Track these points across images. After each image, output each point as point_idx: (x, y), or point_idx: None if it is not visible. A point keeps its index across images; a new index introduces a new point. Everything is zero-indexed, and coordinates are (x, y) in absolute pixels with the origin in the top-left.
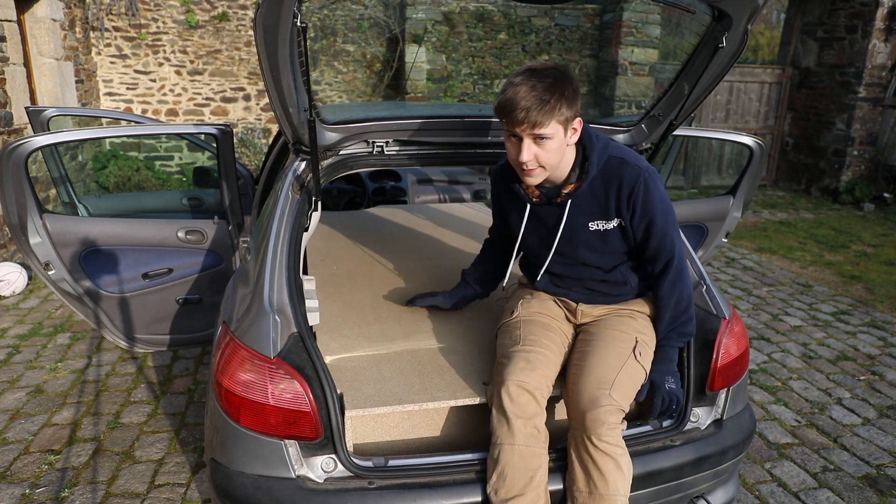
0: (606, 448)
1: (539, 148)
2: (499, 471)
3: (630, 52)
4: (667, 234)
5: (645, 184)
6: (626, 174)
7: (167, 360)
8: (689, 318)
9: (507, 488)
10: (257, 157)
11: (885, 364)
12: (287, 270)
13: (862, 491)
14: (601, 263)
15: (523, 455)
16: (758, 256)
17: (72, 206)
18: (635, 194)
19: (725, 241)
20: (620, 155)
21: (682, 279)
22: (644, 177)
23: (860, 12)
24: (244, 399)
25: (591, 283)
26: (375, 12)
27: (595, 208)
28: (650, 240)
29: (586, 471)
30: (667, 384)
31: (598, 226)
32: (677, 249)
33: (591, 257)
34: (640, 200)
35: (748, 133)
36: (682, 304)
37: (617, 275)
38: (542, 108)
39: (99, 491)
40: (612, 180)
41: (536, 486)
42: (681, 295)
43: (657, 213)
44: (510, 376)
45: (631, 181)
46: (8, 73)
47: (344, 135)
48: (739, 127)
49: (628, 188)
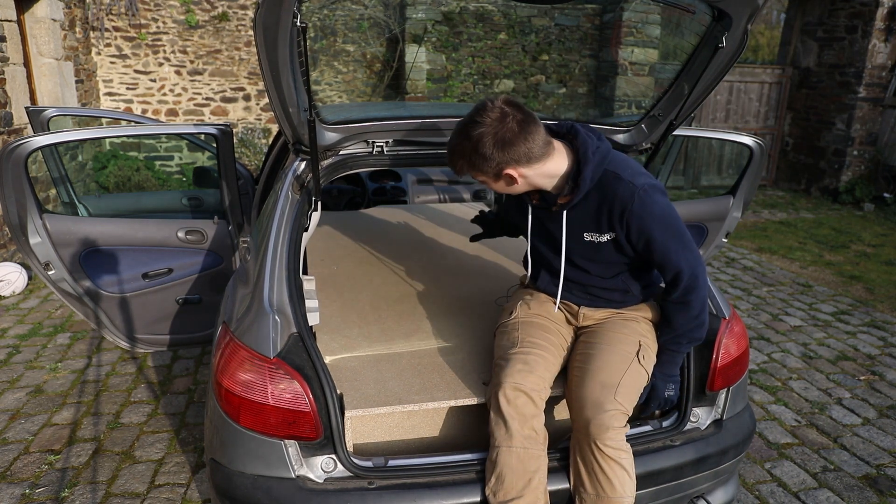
0: (612, 453)
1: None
2: (497, 473)
3: (630, 52)
4: (669, 248)
5: (640, 201)
6: (619, 191)
7: (167, 360)
8: (701, 324)
9: (504, 491)
10: (257, 157)
11: (885, 364)
12: (287, 270)
13: (862, 491)
14: (600, 272)
15: (521, 457)
16: (758, 256)
17: (72, 206)
18: (627, 213)
19: (725, 241)
20: (616, 170)
21: (695, 290)
22: (638, 194)
23: (860, 12)
24: (244, 399)
25: (593, 289)
26: (375, 12)
27: (588, 220)
28: (653, 255)
29: (592, 474)
30: (666, 392)
31: (592, 237)
32: (685, 264)
33: (589, 265)
34: (635, 218)
35: (748, 133)
36: (694, 310)
37: (618, 282)
38: (457, 169)
39: (99, 491)
40: (606, 195)
41: (535, 489)
42: (692, 304)
43: (655, 230)
44: (507, 378)
45: (623, 199)
46: (8, 73)
47: (344, 135)
48: (739, 127)
49: (620, 206)
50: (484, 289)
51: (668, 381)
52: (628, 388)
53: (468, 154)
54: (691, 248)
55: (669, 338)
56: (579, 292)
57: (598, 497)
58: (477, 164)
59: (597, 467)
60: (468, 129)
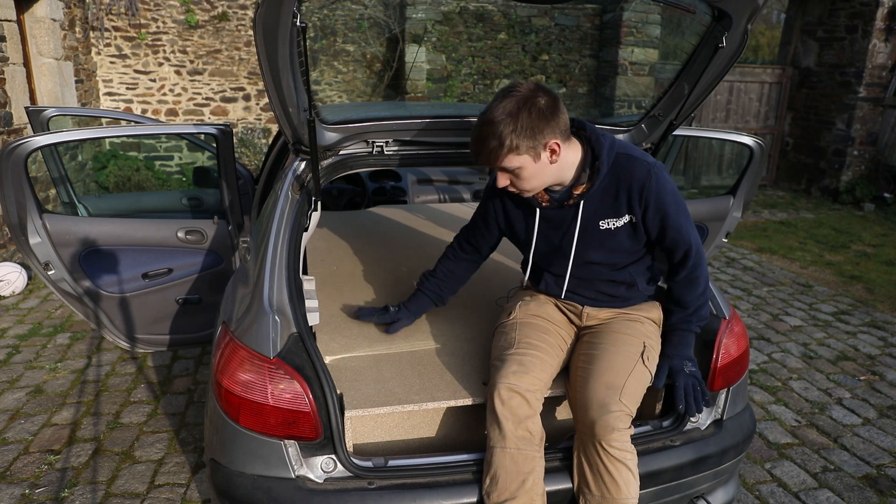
0: (618, 454)
1: (514, 176)
2: (491, 474)
3: (630, 52)
4: (682, 225)
5: (656, 178)
6: (636, 170)
7: (167, 360)
8: (706, 301)
9: (498, 491)
10: (257, 157)
11: (885, 364)
12: (287, 270)
13: (862, 491)
14: (611, 262)
15: (515, 458)
16: (758, 256)
17: (72, 206)
18: (647, 190)
19: (725, 241)
20: (627, 151)
21: (700, 265)
22: (654, 171)
23: (860, 12)
24: (244, 399)
25: (599, 284)
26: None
27: (605, 206)
28: (666, 233)
29: (597, 475)
30: (686, 368)
31: (609, 224)
32: (693, 239)
33: (599, 256)
34: (653, 195)
35: (748, 133)
36: (701, 286)
37: (625, 275)
38: (489, 154)
39: (99, 491)
40: (622, 177)
41: (529, 490)
42: (699, 280)
43: (670, 205)
44: (501, 379)
45: (641, 177)
46: (8, 72)
47: (344, 135)
48: (739, 127)
49: (639, 184)
50: (484, 289)
51: (685, 359)
52: (633, 390)
53: (508, 132)
54: (693, 226)
55: (681, 317)
56: (585, 290)
57: (603, 498)
58: (519, 141)
59: (602, 468)
60: (505, 105)
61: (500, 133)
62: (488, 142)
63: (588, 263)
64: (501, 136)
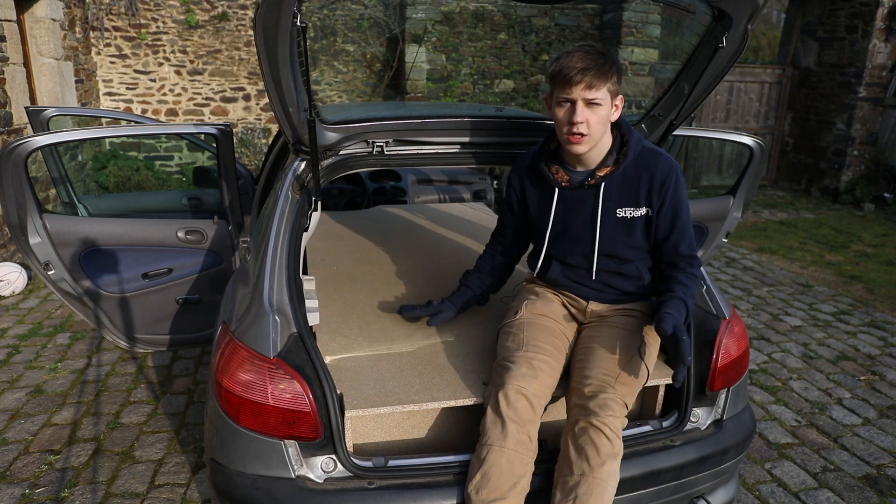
0: (606, 430)
1: (591, 112)
2: (483, 471)
3: (630, 52)
4: (688, 226)
5: (676, 177)
6: (660, 164)
7: (167, 360)
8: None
9: (489, 490)
10: (257, 157)
11: (885, 364)
12: (287, 270)
13: (862, 491)
14: (621, 253)
15: (511, 460)
16: (758, 256)
17: (72, 206)
18: (667, 185)
19: (725, 241)
20: (653, 147)
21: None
22: (676, 169)
23: (860, 12)
24: (244, 399)
25: (608, 276)
26: (375, 12)
27: (625, 195)
28: (673, 231)
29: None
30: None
31: (626, 213)
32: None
33: (614, 247)
34: (671, 192)
35: (748, 133)
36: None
37: (633, 269)
38: (599, 70)
39: (99, 491)
40: (645, 169)
41: (519, 494)
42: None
43: (682, 206)
44: (511, 381)
45: (664, 171)
46: (8, 72)
47: (344, 135)
48: (739, 127)
49: (661, 177)
50: None
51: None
52: (629, 381)
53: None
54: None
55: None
56: (593, 283)
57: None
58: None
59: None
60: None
61: (613, 62)
62: (603, 63)
63: (601, 255)
64: (614, 64)
